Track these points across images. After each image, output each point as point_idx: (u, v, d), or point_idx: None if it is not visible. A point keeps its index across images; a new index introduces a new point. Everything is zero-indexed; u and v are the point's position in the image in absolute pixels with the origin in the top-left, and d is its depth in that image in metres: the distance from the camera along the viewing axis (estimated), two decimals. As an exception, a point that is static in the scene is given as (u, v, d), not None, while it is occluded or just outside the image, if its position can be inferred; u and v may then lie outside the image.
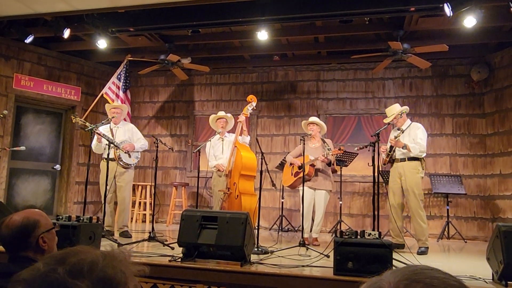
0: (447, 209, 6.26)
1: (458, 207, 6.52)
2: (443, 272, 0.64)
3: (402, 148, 4.60)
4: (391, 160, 4.81)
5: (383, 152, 4.80)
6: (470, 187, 6.50)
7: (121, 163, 5.15)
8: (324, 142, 5.23)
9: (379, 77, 7.12)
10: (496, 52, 6.49)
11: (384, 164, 4.94)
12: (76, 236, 3.46)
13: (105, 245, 4.07)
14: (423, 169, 4.71)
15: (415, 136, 4.67)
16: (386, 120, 4.89)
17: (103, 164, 5.14)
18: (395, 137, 4.62)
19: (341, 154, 5.50)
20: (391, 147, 4.72)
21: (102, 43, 6.07)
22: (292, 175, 5.31)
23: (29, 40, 6.01)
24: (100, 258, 0.70)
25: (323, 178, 5.14)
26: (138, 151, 5.36)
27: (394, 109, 4.87)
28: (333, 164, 5.33)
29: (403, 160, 4.69)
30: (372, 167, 4.06)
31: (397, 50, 5.61)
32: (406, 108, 4.89)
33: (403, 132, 4.65)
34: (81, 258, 0.68)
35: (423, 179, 4.75)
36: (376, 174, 4.10)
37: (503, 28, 5.91)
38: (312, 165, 5.03)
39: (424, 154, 4.70)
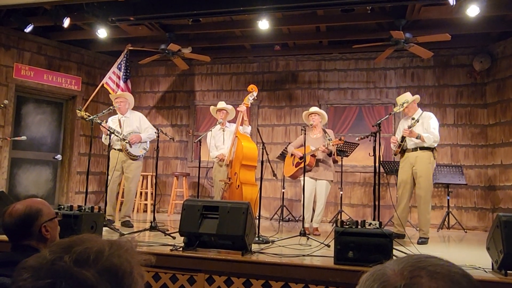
0: (448, 200, 6.28)
1: (458, 197, 6.54)
2: (446, 261, 0.65)
3: (416, 138, 4.50)
4: (402, 151, 4.73)
5: (394, 143, 4.72)
6: (471, 177, 6.50)
7: (127, 154, 5.16)
8: (325, 132, 5.22)
9: (381, 67, 7.08)
10: (499, 41, 6.44)
11: (395, 155, 4.87)
12: (78, 225, 3.48)
13: (107, 234, 4.09)
14: (434, 159, 4.64)
15: (428, 125, 4.58)
16: (396, 109, 4.67)
17: (111, 153, 5.15)
18: (409, 127, 4.45)
19: (342, 144, 5.50)
20: (403, 137, 4.62)
21: (102, 33, 6.03)
22: (293, 165, 5.32)
23: (28, 29, 5.97)
24: (106, 247, 0.70)
25: (324, 168, 5.14)
26: (145, 141, 5.33)
27: (405, 98, 4.72)
28: (334, 155, 5.33)
29: (415, 150, 4.61)
30: (373, 157, 4.06)
31: (399, 39, 5.57)
32: (417, 97, 4.82)
33: (417, 122, 4.46)
34: (87, 247, 0.69)
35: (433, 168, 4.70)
36: (377, 164, 4.09)
37: (506, 18, 5.85)
38: (313, 156, 5.03)
39: (437, 144, 4.63)
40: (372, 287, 0.62)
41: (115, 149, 5.13)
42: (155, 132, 5.07)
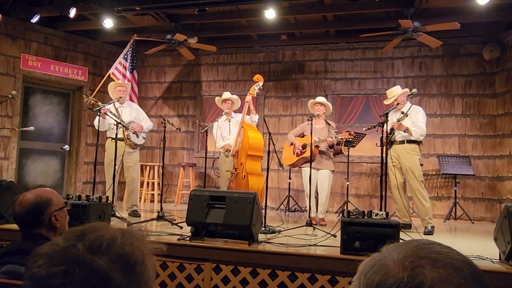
0: (455, 190, 6.25)
1: (466, 188, 6.50)
2: (445, 246, 0.64)
3: (404, 131, 4.61)
4: (390, 142, 4.81)
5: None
6: (478, 168, 6.46)
7: (130, 144, 5.17)
8: (328, 124, 5.22)
9: (388, 57, 7.01)
10: (509, 30, 6.33)
11: (383, 146, 4.92)
12: (86, 215, 3.52)
13: (115, 224, 4.14)
14: (420, 151, 4.77)
15: (415, 119, 4.69)
16: (386, 102, 4.91)
17: (109, 143, 5.16)
18: (398, 120, 4.61)
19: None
20: (392, 129, 4.71)
21: (108, 23, 6.02)
22: (294, 154, 5.31)
23: (35, 19, 5.97)
24: (118, 235, 0.71)
25: (326, 159, 5.15)
26: (145, 132, 5.38)
27: (395, 91, 4.87)
28: (339, 145, 5.32)
29: (402, 142, 4.72)
30: (380, 147, 4.04)
31: (407, 28, 5.50)
32: (406, 90, 4.85)
33: (407, 116, 4.63)
34: (100, 235, 0.70)
35: (427, 160, 4.77)
36: (384, 154, 4.08)
37: (518, 5, 5.75)
38: (317, 146, 5.03)
39: (423, 137, 4.74)
40: (373, 280, 0.60)
41: (112, 139, 4.96)
42: (162, 123, 5.08)
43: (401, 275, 0.58)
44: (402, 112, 4.69)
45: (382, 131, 4.11)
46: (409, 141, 4.69)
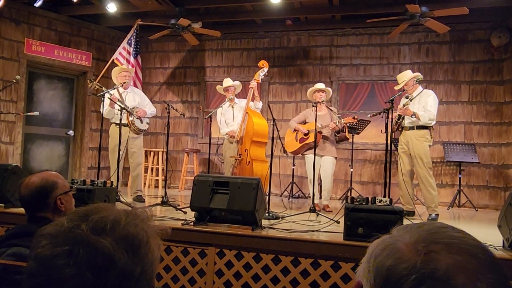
0: (459, 178, 6.23)
1: (470, 175, 6.48)
2: (459, 230, 0.62)
3: (411, 116, 4.52)
4: (400, 128, 4.76)
5: (393, 119, 4.74)
6: (483, 155, 6.42)
7: (134, 129, 5.17)
8: (330, 109, 5.18)
9: (395, 43, 6.92)
10: (519, 16, 6.22)
11: (393, 132, 4.89)
12: (91, 199, 3.54)
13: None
14: (431, 138, 4.65)
15: (425, 103, 4.57)
16: (397, 87, 4.81)
17: (113, 129, 5.16)
18: (404, 105, 4.55)
19: (354, 122, 5.44)
20: (399, 115, 4.66)
21: (111, 7, 5.97)
22: (296, 140, 5.29)
23: (38, 4, 5.93)
24: (122, 216, 0.71)
25: (329, 145, 5.13)
26: (148, 117, 5.37)
27: (405, 76, 4.74)
28: (343, 131, 5.29)
29: (411, 128, 4.63)
30: (385, 134, 4.02)
31: (414, 13, 5.41)
32: (417, 74, 4.76)
33: (411, 101, 4.55)
34: (104, 216, 0.69)
35: (431, 147, 4.71)
36: (388, 141, 4.06)
37: (528, -10, 5.63)
38: (320, 132, 5.00)
39: (433, 122, 4.62)
40: (384, 263, 0.58)
41: (117, 124, 4.93)
42: (166, 108, 5.06)
43: (413, 260, 0.56)
44: (407, 97, 4.63)
45: (387, 117, 4.07)
46: (419, 127, 4.59)
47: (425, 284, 0.54)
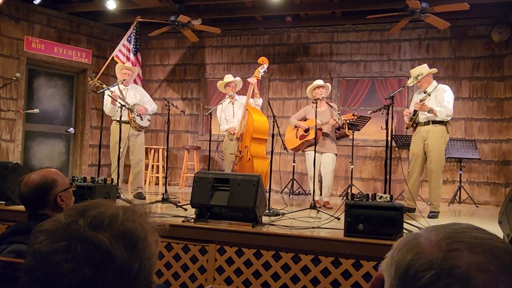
0: (460, 174, 6.22)
1: (471, 172, 6.47)
2: (488, 233, 0.60)
3: (428, 112, 4.40)
4: (414, 124, 4.65)
5: (407, 116, 4.63)
6: (484, 152, 6.41)
7: (135, 126, 5.17)
8: (330, 106, 5.18)
9: (395, 39, 6.90)
10: (520, 11, 6.19)
11: (407, 128, 4.82)
12: (91, 196, 3.54)
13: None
14: (448, 133, 4.56)
15: (441, 99, 4.45)
16: (409, 82, 4.62)
17: (114, 126, 5.17)
18: (421, 101, 4.36)
19: (354, 119, 5.43)
20: (415, 111, 4.52)
21: (111, 4, 5.96)
22: (297, 137, 5.28)
23: (37, 1, 5.92)
24: (120, 212, 0.71)
25: (330, 142, 5.13)
26: (149, 114, 5.37)
27: (422, 69, 4.57)
28: (343, 128, 5.28)
29: (427, 123, 4.52)
30: (385, 130, 4.01)
31: (415, 9, 5.39)
32: (434, 70, 4.70)
33: (429, 95, 4.39)
34: (101, 211, 0.69)
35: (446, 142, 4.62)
36: (389, 138, 4.05)
37: (529, -14, 5.61)
38: (320, 129, 4.99)
39: (450, 118, 4.54)
40: (404, 258, 0.58)
41: (117, 121, 4.91)
42: (166, 105, 5.06)
43: (434, 256, 0.55)
44: (425, 92, 4.46)
45: (388, 113, 4.02)
46: (435, 122, 4.47)
47: (443, 280, 0.53)
